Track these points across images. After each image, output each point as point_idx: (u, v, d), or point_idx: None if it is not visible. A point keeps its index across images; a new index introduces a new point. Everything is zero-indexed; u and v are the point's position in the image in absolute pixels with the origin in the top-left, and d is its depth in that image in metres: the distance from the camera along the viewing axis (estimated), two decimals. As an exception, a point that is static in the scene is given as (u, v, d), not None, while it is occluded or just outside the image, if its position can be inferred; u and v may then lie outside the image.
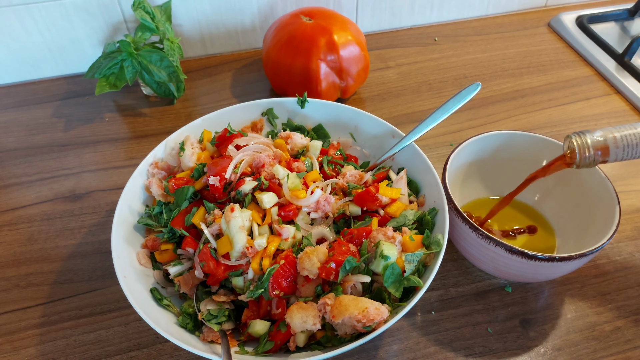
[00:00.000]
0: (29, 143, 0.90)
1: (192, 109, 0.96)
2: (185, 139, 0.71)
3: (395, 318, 0.53)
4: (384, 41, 1.12)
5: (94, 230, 0.76)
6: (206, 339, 0.57)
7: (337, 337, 0.56)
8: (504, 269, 0.61)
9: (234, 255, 0.59)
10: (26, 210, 0.79)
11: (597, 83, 1.01)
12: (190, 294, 0.63)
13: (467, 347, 0.62)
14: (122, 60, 0.90)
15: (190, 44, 1.06)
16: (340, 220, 0.66)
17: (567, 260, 0.57)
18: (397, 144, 0.71)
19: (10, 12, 0.92)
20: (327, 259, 0.57)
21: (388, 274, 0.57)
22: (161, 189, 0.68)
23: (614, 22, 1.15)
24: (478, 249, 0.61)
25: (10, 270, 0.71)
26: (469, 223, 0.59)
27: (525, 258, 0.57)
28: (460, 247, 0.65)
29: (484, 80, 1.01)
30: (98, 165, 0.86)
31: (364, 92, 0.99)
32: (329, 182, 0.68)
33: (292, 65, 0.88)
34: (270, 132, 0.79)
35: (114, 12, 0.97)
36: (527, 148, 0.71)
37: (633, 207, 0.78)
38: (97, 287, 0.69)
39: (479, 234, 0.59)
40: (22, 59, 0.99)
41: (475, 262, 0.65)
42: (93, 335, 0.64)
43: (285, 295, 0.58)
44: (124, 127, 0.93)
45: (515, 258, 0.58)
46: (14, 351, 0.63)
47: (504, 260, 0.59)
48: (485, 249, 0.60)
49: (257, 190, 0.64)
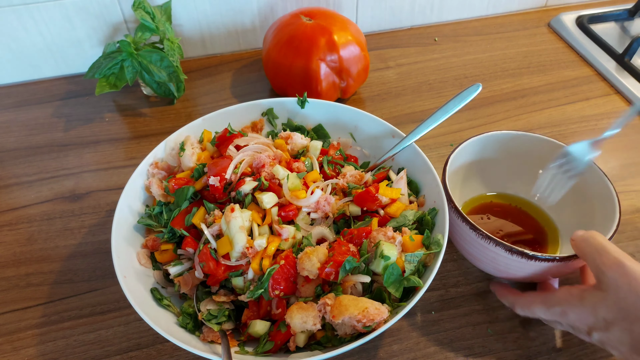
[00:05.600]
0: (29, 143, 0.90)
1: (192, 109, 0.96)
2: (186, 139, 0.71)
3: (395, 318, 0.53)
4: (384, 41, 1.12)
5: (94, 230, 0.76)
6: (206, 339, 0.57)
7: (337, 337, 0.56)
8: (504, 269, 0.61)
9: (234, 256, 0.59)
10: (26, 210, 0.79)
11: (597, 83, 1.01)
12: (190, 294, 0.63)
13: (467, 347, 0.62)
14: (122, 60, 0.90)
15: (190, 44, 1.06)
16: (340, 221, 0.66)
17: (568, 260, 0.56)
18: (398, 145, 0.71)
19: (10, 12, 0.92)
20: (327, 259, 0.57)
21: (388, 274, 0.57)
22: (161, 189, 0.68)
23: (614, 22, 1.15)
24: (478, 249, 0.61)
25: (10, 270, 0.71)
26: (468, 223, 0.59)
27: (526, 258, 0.56)
28: (460, 247, 0.65)
29: (484, 81, 1.01)
30: (98, 165, 0.86)
31: (364, 92, 0.99)
32: (329, 183, 0.68)
33: (292, 65, 0.88)
34: (271, 132, 0.79)
35: (114, 12, 0.97)
36: (528, 148, 0.71)
37: (633, 207, 0.78)
38: (97, 287, 0.69)
39: (479, 234, 0.58)
40: (22, 59, 0.99)
41: (475, 262, 0.65)
42: (93, 335, 0.64)
43: (285, 295, 0.58)
44: (124, 127, 0.93)
45: (515, 258, 0.57)
46: (14, 351, 0.63)
47: (504, 261, 0.59)
48: (485, 249, 0.60)
49: (257, 190, 0.64)
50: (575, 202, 0.69)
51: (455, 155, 0.67)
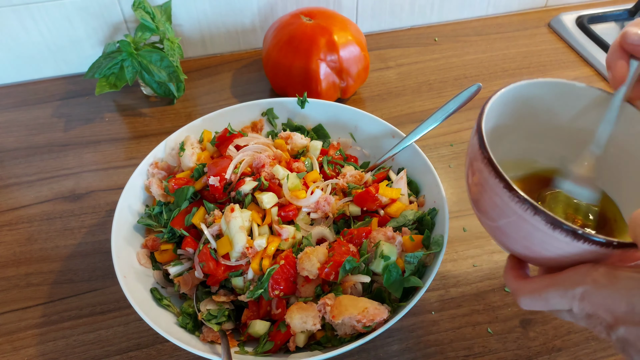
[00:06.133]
0: (29, 143, 0.90)
1: (192, 109, 0.96)
2: (185, 139, 0.71)
3: (395, 318, 0.53)
4: (384, 41, 1.12)
5: (94, 230, 0.76)
6: (206, 339, 0.57)
7: (337, 337, 0.56)
8: (538, 249, 0.44)
9: (233, 256, 0.59)
10: (26, 210, 0.79)
11: (597, 83, 1.01)
12: (190, 294, 0.63)
13: (467, 347, 0.62)
14: (122, 60, 0.90)
15: (190, 44, 1.06)
16: (340, 221, 0.66)
17: (629, 248, 0.40)
18: (398, 145, 0.71)
19: (10, 12, 0.92)
20: (327, 259, 0.57)
21: (388, 274, 0.57)
22: (161, 189, 0.68)
23: (614, 23, 1.15)
24: (509, 218, 0.44)
25: (10, 270, 0.71)
26: (503, 180, 0.42)
27: (572, 237, 0.40)
28: (485, 214, 0.48)
29: (484, 81, 1.01)
30: (98, 165, 0.86)
31: (364, 92, 0.99)
32: (329, 183, 0.68)
33: (292, 65, 0.88)
34: (270, 132, 0.79)
35: (114, 12, 0.97)
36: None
37: (633, 208, 0.78)
38: (97, 287, 0.69)
39: (514, 195, 0.42)
40: (22, 59, 0.99)
41: (501, 237, 0.48)
42: (93, 335, 0.64)
43: (285, 295, 0.58)
44: (124, 127, 0.93)
45: (558, 236, 0.41)
46: (14, 351, 0.63)
47: (542, 237, 0.42)
48: (518, 220, 0.43)
49: (257, 190, 0.64)
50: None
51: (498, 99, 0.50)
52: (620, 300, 0.38)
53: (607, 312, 0.39)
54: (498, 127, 0.54)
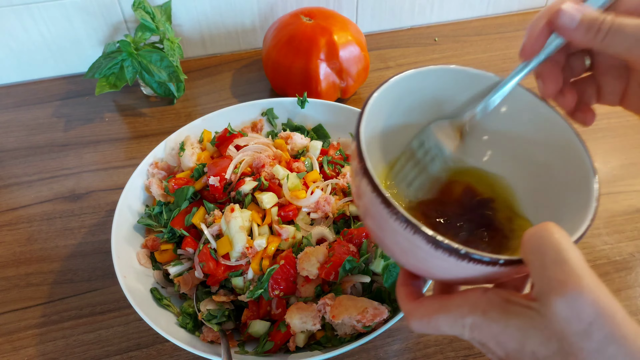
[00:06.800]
0: (29, 143, 0.90)
1: (192, 109, 0.96)
2: (185, 139, 0.71)
3: (395, 318, 0.53)
4: (384, 41, 1.12)
5: (94, 230, 0.76)
6: (206, 339, 0.57)
7: (337, 337, 0.56)
8: (425, 268, 0.39)
9: (233, 256, 0.59)
10: (26, 210, 0.79)
11: (597, 83, 1.01)
12: (190, 294, 0.63)
13: (467, 347, 0.62)
14: (122, 60, 0.90)
15: (190, 44, 1.06)
16: (340, 221, 0.66)
17: (517, 265, 0.35)
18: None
19: (10, 12, 0.92)
20: (327, 259, 0.57)
21: (388, 274, 0.57)
22: (161, 189, 0.68)
23: (614, 22, 1.15)
24: (391, 237, 0.38)
25: (10, 270, 0.71)
26: (380, 195, 0.36)
27: (455, 257, 0.35)
28: (368, 227, 0.42)
29: (484, 81, 1.01)
30: (98, 165, 0.86)
31: (364, 92, 0.99)
32: (329, 183, 0.68)
33: (292, 66, 0.88)
34: (270, 132, 0.79)
35: (114, 12, 0.97)
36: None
37: (633, 207, 0.78)
38: (97, 287, 0.69)
39: (392, 212, 0.35)
40: (22, 59, 0.99)
41: (393, 255, 0.41)
42: (93, 335, 0.64)
43: (285, 295, 0.58)
44: (124, 127, 0.93)
45: (440, 255, 0.35)
46: (14, 351, 0.63)
47: (425, 257, 0.36)
48: (400, 238, 0.37)
49: (257, 190, 0.64)
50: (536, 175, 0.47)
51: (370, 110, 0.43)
52: (511, 339, 0.35)
53: (497, 346, 0.36)
54: (396, 127, 0.49)
